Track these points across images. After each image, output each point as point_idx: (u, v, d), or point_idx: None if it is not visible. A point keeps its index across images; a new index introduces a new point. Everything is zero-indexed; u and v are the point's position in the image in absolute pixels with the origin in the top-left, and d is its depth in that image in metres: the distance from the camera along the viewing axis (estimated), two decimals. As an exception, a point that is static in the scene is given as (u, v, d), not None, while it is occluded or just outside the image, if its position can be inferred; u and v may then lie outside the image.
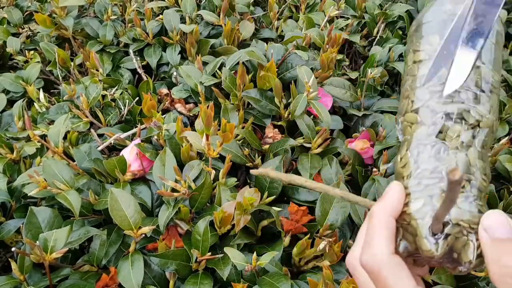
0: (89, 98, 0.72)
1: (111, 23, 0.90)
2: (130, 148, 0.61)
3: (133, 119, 0.75)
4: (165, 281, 0.53)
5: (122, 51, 0.91)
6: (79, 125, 0.69)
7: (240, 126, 0.66)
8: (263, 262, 0.48)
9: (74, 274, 0.53)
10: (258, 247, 0.56)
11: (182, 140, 0.60)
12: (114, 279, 0.52)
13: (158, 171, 0.56)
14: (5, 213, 0.61)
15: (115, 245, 0.55)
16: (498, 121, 0.36)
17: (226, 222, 0.53)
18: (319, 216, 0.54)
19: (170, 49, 0.86)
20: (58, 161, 0.55)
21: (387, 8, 0.99)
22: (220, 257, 0.52)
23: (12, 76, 0.81)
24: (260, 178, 0.59)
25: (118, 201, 0.51)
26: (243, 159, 0.62)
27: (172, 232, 0.56)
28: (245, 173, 0.69)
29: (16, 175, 0.63)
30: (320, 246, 0.50)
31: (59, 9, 0.86)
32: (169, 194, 0.53)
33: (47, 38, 0.93)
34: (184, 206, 0.54)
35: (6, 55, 0.91)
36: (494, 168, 0.70)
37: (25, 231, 0.52)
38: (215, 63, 0.74)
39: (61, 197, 0.51)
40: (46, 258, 0.47)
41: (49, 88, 0.91)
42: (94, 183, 0.59)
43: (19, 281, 0.50)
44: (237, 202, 0.52)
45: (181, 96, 0.75)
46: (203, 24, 0.90)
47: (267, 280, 0.49)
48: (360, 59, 0.99)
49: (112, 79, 0.80)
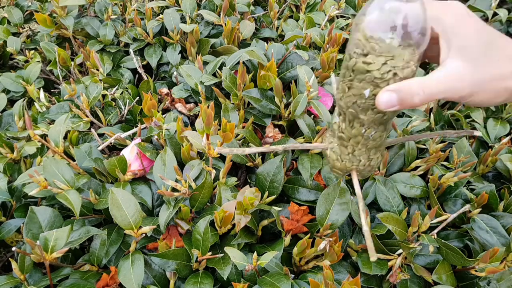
0: (89, 98, 0.72)
1: (112, 23, 0.90)
2: (131, 147, 0.61)
3: (133, 119, 0.75)
4: (165, 281, 0.53)
5: (123, 51, 0.91)
6: (79, 125, 0.69)
7: (241, 126, 0.66)
8: (264, 262, 0.48)
9: (75, 273, 0.53)
10: (258, 246, 0.56)
11: (183, 140, 0.60)
12: (114, 278, 0.52)
13: (159, 171, 0.56)
14: (6, 213, 0.61)
15: (116, 244, 0.55)
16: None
17: (226, 222, 0.53)
18: (319, 215, 0.54)
19: (170, 48, 0.86)
20: (58, 161, 0.55)
21: (388, 7, 0.99)
22: (221, 256, 0.52)
23: (12, 76, 0.81)
24: (261, 178, 0.60)
25: (118, 201, 0.51)
26: (244, 159, 0.62)
27: (172, 232, 0.56)
28: (246, 172, 0.69)
29: (16, 174, 0.63)
30: (321, 246, 0.50)
31: (60, 8, 0.86)
32: (170, 193, 0.53)
33: (48, 38, 0.93)
34: (184, 206, 0.54)
35: (7, 55, 0.92)
36: (495, 168, 0.70)
37: (25, 231, 0.52)
38: (216, 63, 0.74)
39: (61, 196, 0.51)
40: (47, 257, 0.47)
41: (50, 87, 0.91)
42: (95, 182, 0.59)
43: (20, 281, 0.50)
44: (238, 201, 0.52)
45: (181, 96, 0.75)
46: (203, 23, 0.90)
47: (267, 280, 0.49)
48: (360, 58, 0.99)
49: (113, 79, 0.80)
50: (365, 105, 0.41)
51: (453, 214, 0.57)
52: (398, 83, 0.39)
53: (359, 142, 0.45)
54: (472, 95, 0.39)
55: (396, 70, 0.38)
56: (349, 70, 0.40)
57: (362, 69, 0.39)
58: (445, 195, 0.63)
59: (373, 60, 0.38)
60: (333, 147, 0.47)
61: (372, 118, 0.42)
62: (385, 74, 0.38)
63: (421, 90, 0.38)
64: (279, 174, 0.59)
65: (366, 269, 0.53)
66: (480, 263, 0.51)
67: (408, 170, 0.66)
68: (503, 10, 0.99)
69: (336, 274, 0.54)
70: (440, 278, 0.53)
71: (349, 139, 0.45)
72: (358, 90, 0.40)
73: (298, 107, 0.64)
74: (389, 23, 0.36)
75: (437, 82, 0.39)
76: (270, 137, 0.67)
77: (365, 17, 0.37)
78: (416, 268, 0.54)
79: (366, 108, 0.41)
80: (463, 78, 0.38)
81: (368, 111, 0.42)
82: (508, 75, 0.38)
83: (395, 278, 0.52)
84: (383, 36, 0.36)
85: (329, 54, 0.72)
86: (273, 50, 0.73)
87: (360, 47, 0.38)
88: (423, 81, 0.38)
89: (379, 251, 0.55)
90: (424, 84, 0.38)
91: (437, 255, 0.56)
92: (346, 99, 0.42)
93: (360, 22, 0.38)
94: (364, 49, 0.38)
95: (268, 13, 0.95)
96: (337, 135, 0.45)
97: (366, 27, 0.37)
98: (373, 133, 0.44)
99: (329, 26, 0.87)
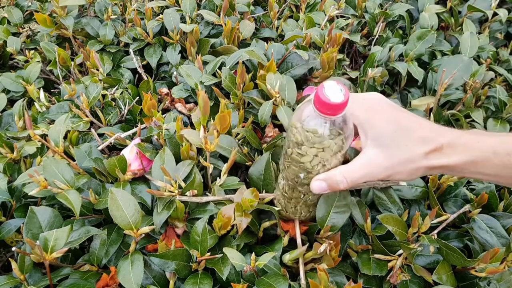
0: (89, 98, 0.72)
1: (112, 23, 0.90)
2: (130, 147, 0.61)
3: (133, 119, 0.75)
4: (165, 281, 0.53)
5: (122, 51, 0.91)
6: (79, 125, 0.69)
7: (240, 126, 0.66)
8: (262, 263, 0.48)
9: (74, 273, 0.53)
10: (258, 247, 0.56)
11: (182, 140, 0.60)
12: (114, 278, 0.52)
13: (158, 171, 0.56)
14: (6, 213, 0.61)
15: (115, 244, 0.55)
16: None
17: (226, 226, 0.53)
18: (319, 217, 0.54)
19: (170, 48, 0.86)
20: (58, 161, 0.55)
21: (387, 7, 0.99)
22: (220, 257, 0.52)
23: (12, 76, 0.81)
24: (253, 178, 0.59)
25: (118, 201, 0.51)
26: (243, 158, 0.62)
27: (169, 233, 0.56)
28: (245, 172, 0.69)
29: (16, 174, 0.63)
30: (321, 249, 0.50)
31: (60, 8, 0.86)
32: (160, 193, 0.53)
33: (48, 38, 0.93)
34: (180, 203, 0.54)
35: (7, 55, 0.92)
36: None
37: (25, 231, 0.52)
38: (215, 63, 0.74)
39: (61, 196, 0.51)
40: (47, 257, 0.47)
41: (50, 87, 0.91)
42: (95, 182, 0.59)
43: (20, 281, 0.50)
44: (236, 204, 0.52)
45: (181, 96, 0.75)
46: (203, 23, 0.90)
47: (265, 281, 0.49)
48: (360, 58, 0.99)
49: (112, 79, 0.80)
50: (302, 182, 0.49)
51: (453, 215, 0.57)
52: (326, 172, 0.47)
53: (300, 202, 0.54)
54: (390, 176, 0.45)
55: (324, 162, 0.46)
56: (287, 155, 0.48)
57: (296, 159, 0.46)
58: (445, 195, 0.63)
59: (306, 152, 0.45)
60: (279, 199, 0.56)
61: (308, 189, 0.49)
62: (316, 166, 0.46)
63: (344, 179, 0.46)
64: (269, 169, 0.58)
65: (365, 270, 0.53)
66: (481, 264, 0.51)
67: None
68: (503, 10, 0.99)
69: (334, 277, 0.54)
70: (440, 278, 0.53)
71: (291, 199, 0.54)
72: (295, 172, 0.48)
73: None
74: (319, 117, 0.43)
75: (358, 168, 0.45)
76: (270, 137, 0.66)
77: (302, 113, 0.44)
78: (416, 269, 0.54)
79: (302, 183, 0.50)
80: (378, 165, 0.45)
81: (304, 186, 0.50)
82: (417, 157, 0.43)
83: (396, 278, 0.52)
84: (316, 127, 0.43)
85: (329, 54, 0.72)
86: (273, 50, 0.73)
87: (294, 134, 0.45)
88: (346, 169, 0.46)
89: (379, 251, 0.55)
90: (347, 173, 0.46)
91: (437, 255, 0.56)
92: (287, 173, 0.50)
93: (298, 118, 0.45)
94: (299, 138, 0.44)
95: (268, 13, 0.95)
96: (282, 193, 0.54)
97: (304, 120, 0.44)
98: (310, 197, 0.53)
99: (329, 26, 0.87)
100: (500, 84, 0.87)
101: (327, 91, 0.41)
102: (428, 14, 0.92)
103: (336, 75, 0.79)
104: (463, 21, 0.94)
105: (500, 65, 0.92)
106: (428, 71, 0.84)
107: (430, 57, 0.89)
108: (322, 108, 0.41)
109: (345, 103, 0.41)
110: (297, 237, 0.55)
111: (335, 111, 0.41)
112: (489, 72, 0.86)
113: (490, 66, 0.89)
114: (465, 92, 0.79)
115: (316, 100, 0.41)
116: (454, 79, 0.78)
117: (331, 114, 0.41)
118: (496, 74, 0.89)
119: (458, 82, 0.79)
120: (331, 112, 0.41)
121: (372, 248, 0.56)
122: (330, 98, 0.40)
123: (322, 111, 0.41)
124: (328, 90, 0.41)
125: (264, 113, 0.63)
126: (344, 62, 0.85)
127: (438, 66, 0.84)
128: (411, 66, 0.82)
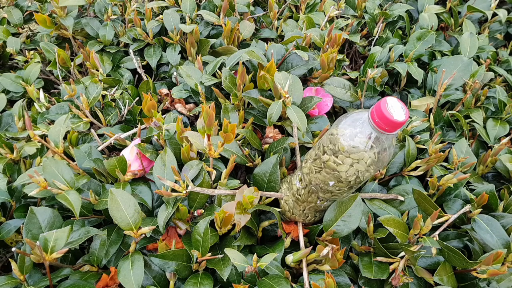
0: (89, 98, 0.72)
1: (111, 23, 0.90)
2: (130, 148, 0.61)
3: (133, 119, 0.75)
4: (165, 281, 0.53)
5: (122, 51, 0.91)
6: (79, 125, 0.69)
7: (240, 126, 0.66)
8: (263, 264, 0.48)
9: (74, 274, 0.52)
10: (259, 248, 0.56)
11: (182, 140, 0.60)
12: (114, 279, 0.52)
13: (159, 171, 0.56)
14: (5, 213, 0.61)
15: (115, 245, 0.55)
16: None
17: (227, 222, 0.53)
18: (326, 220, 0.54)
19: (170, 49, 0.86)
20: (58, 161, 0.54)
21: (387, 8, 0.99)
22: (221, 257, 0.52)
23: (12, 76, 0.81)
24: (258, 178, 0.59)
25: (118, 202, 0.50)
26: (243, 159, 0.62)
27: (171, 233, 0.56)
28: (245, 173, 0.69)
29: (16, 175, 0.63)
30: (323, 252, 0.50)
31: (59, 9, 0.86)
32: (168, 193, 0.53)
33: (47, 38, 0.93)
34: (182, 205, 0.54)
35: (6, 55, 0.91)
36: (494, 168, 0.70)
37: (25, 231, 0.52)
38: (215, 63, 0.74)
39: (61, 197, 0.51)
40: (46, 258, 0.47)
41: (49, 88, 0.91)
42: (94, 183, 0.59)
43: (19, 281, 0.50)
44: (237, 201, 0.52)
45: (181, 96, 0.75)
46: (203, 24, 0.90)
47: (266, 282, 0.49)
48: (360, 59, 0.99)
49: (112, 79, 0.80)
50: (327, 189, 0.49)
51: (454, 215, 0.57)
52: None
53: (311, 207, 0.54)
54: None
55: (359, 174, 0.46)
56: (320, 160, 0.48)
57: (332, 167, 0.46)
58: (445, 196, 0.63)
59: (342, 161, 0.45)
60: (287, 200, 0.56)
61: (329, 197, 0.50)
62: (350, 177, 0.46)
63: None
64: (275, 173, 0.58)
65: (367, 273, 0.53)
66: (482, 266, 0.51)
67: (408, 170, 0.66)
68: (503, 11, 0.99)
69: (337, 277, 0.54)
70: (442, 279, 0.53)
71: (303, 202, 0.54)
72: (325, 178, 0.48)
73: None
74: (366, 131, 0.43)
75: None
76: (270, 137, 0.66)
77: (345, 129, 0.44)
78: (417, 270, 0.54)
79: (326, 190, 0.50)
80: None
81: (327, 193, 0.50)
82: None
83: (398, 281, 0.52)
84: (362, 139, 0.43)
85: (329, 55, 0.72)
86: (272, 50, 0.73)
87: (333, 142, 0.45)
88: None
89: (381, 254, 0.55)
90: None
91: (438, 256, 0.56)
92: (312, 177, 0.50)
93: (339, 128, 0.45)
94: (336, 146, 0.45)
95: (268, 14, 0.95)
96: (295, 195, 0.54)
97: (351, 130, 0.44)
98: (325, 204, 0.53)
99: (329, 26, 0.87)
100: (499, 84, 0.87)
101: (391, 107, 0.40)
102: (428, 14, 0.92)
103: (335, 75, 0.80)
104: (463, 21, 0.94)
105: (499, 66, 0.93)
106: (427, 72, 0.84)
107: (430, 57, 0.89)
108: (383, 123, 0.40)
109: (405, 121, 0.40)
110: (300, 239, 0.55)
111: (394, 128, 0.40)
112: (488, 73, 0.86)
113: (489, 66, 0.89)
114: (465, 93, 0.79)
115: (377, 115, 0.40)
116: (453, 79, 0.78)
117: (389, 131, 0.41)
118: (496, 75, 0.89)
119: (458, 82, 0.79)
120: (389, 129, 0.41)
121: (373, 251, 0.56)
122: (394, 115, 0.40)
123: (381, 126, 0.41)
124: (391, 107, 0.40)
125: (273, 113, 0.63)
126: (344, 63, 0.85)
127: (437, 66, 0.84)
128: (410, 67, 0.82)
